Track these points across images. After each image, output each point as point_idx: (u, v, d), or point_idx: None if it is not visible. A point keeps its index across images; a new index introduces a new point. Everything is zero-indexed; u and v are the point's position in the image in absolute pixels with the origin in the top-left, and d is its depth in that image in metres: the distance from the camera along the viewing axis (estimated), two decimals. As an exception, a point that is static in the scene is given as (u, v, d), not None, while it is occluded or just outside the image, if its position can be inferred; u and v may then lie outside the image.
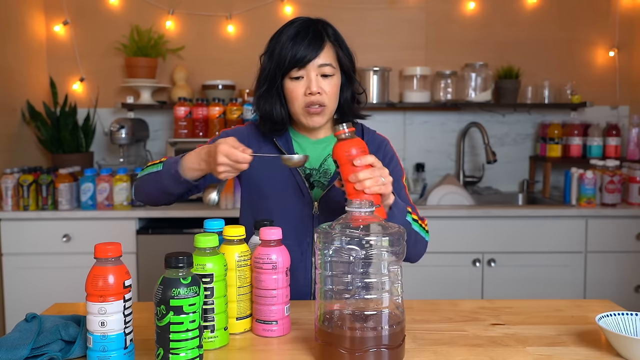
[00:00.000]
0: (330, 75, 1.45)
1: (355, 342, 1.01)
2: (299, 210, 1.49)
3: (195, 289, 0.99)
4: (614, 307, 1.38)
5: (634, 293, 2.87)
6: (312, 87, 1.43)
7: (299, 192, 1.49)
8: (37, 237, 2.76)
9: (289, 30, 1.45)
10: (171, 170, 1.40)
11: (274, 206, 1.49)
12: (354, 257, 1.01)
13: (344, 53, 1.48)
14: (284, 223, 1.35)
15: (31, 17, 3.19)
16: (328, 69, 1.44)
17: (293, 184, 1.50)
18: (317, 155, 1.54)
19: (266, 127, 1.51)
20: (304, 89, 1.44)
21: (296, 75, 1.44)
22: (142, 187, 1.51)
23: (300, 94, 1.45)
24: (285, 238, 1.45)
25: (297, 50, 1.41)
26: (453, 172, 3.42)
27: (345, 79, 1.50)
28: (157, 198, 1.50)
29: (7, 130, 2.99)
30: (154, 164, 1.48)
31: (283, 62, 1.43)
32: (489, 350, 1.12)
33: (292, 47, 1.42)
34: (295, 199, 1.49)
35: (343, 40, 1.50)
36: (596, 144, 3.17)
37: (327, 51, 1.44)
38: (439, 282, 2.80)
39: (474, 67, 3.22)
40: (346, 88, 1.51)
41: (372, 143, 1.57)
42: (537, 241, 2.82)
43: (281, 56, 1.43)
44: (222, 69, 3.31)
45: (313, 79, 1.43)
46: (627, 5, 3.35)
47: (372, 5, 3.34)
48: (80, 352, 1.07)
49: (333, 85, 1.46)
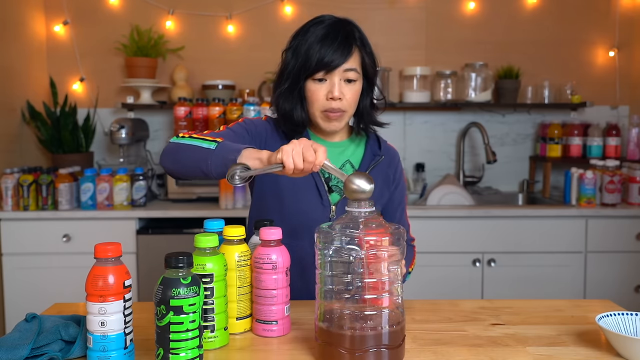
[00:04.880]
0: (353, 80, 1.42)
1: (355, 342, 1.01)
2: (315, 212, 1.46)
3: (195, 289, 0.99)
4: (614, 307, 1.39)
5: (634, 293, 2.87)
6: (335, 91, 1.40)
7: (317, 195, 1.47)
8: (37, 237, 2.76)
9: (317, 29, 1.42)
10: (229, 156, 1.24)
11: (291, 205, 1.46)
12: (354, 257, 1.01)
13: (369, 58, 1.46)
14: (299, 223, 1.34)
15: (31, 17, 3.19)
16: (352, 74, 1.41)
17: (312, 186, 1.47)
18: (334, 159, 1.52)
19: (286, 127, 1.48)
20: (326, 93, 1.41)
21: (319, 77, 1.41)
22: (175, 154, 1.35)
23: (321, 97, 1.42)
24: (299, 238, 1.44)
25: (326, 53, 1.38)
26: (453, 172, 3.41)
27: (366, 84, 1.48)
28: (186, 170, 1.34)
29: (7, 130, 2.99)
30: (201, 138, 1.33)
31: (309, 63, 1.40)
32: (489, 350, 1.12)
33: (320, 50, 1.39)
34: (312, 201, 1.47)
35: (369, 44, 1.47)
36: (596, 144, 3.17)
37: (354, 56, 1.42)
38: (439, 282, 2.80)
39: (474, 67, 3.22)
40: (366, 94, 1.49)
41: (388, 152, 1.57)
42: (537, 241, 2.82)
43: (308, 57, 1.40)
44: (222, 69, 3.31)
45: (336, 84, 1.40)
46: (627, 5, 3.35)
47: (372, 5, 3.34)
48: (80, 352, 1.07)
49: (355, 92, 1.44)
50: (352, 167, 1.53)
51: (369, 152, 1.54)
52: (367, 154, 1.54)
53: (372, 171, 1.51)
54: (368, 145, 1.56)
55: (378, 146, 1.56)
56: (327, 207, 1.47)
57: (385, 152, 1.56)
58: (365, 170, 1.50)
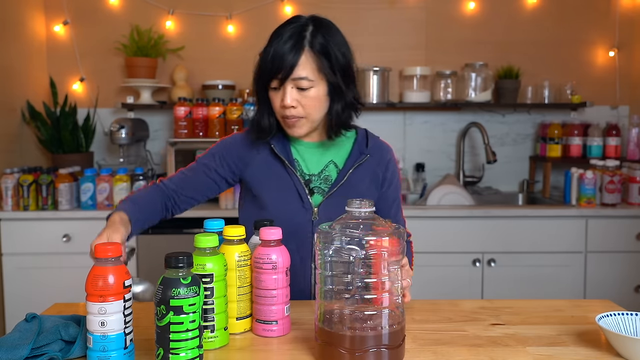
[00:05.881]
0: (306, 88, 1.40)
1: (355, 342, 1.01)
2: (298, 216, 1.46)
3: (195, 289, 0.99)
4: (614, 307, 1.39)
5: (634, 293, 2.87)
6: (286, 100, 1.39)
7: (298, 198, 1.46)
8: (37, 237, 2.76)
9: (277, 34, 1.42)
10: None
11: (273, 211, 1.46)
12: (354, 257, 1.01)
13: (330, 63, 1.40)
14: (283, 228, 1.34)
15: (31, 17, 3.19)
16: (304, 82, 1.38)
17: (292, 189, 1.47)
18: (316, 160, 1.51)
19: (253, 134, 1.50)
20: (280, 101, 1.41)
21: (274, 86, 1.41)
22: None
23: (277, 105, 1.43)
24: (285, 243, 1.44)
25: (273, 61, 1.38)
26: (453, 172, 3.41)
27: (332, 88, 1.43)
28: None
29: (7, 130, 2.99)
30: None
31: (262, 73, 1.41)
32: (489, 350, 1.12)
33: (272, 58, 1.38)
34: (294, 205, 1.46)
35: (334, 47, 1.40)
36: (596, 144, 3.17)
37: (305, 63, 1.38)
38: (439, 282, 2.80)
39: (474, 67, 3.22)
40: (337, 98, 1.43)
41: (377, 151, 1.54)
42: (537, 241, 2.82)
43: (262, 66, 1.41)
44: (222, 69, 3.31)
45: (287, 92, 1.39)
46: (627, 5, 3.35)
47: (372, 5, 3.34)
48: (80, 352, 1.08)
49: (311, 98, 1.40)
50: (335, 167, 1.51)
51: (355, 151, 1.51)
52: (353, 153, 1.51)
53: (357, 170, 1.49)
54: (355, 144, 1.53)
55: (366, 144, 1.53)
56: (309, 209, 1.46)
57: (374, 150, 1.53)
58: (349, 169, 1.48)
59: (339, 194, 1.46)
